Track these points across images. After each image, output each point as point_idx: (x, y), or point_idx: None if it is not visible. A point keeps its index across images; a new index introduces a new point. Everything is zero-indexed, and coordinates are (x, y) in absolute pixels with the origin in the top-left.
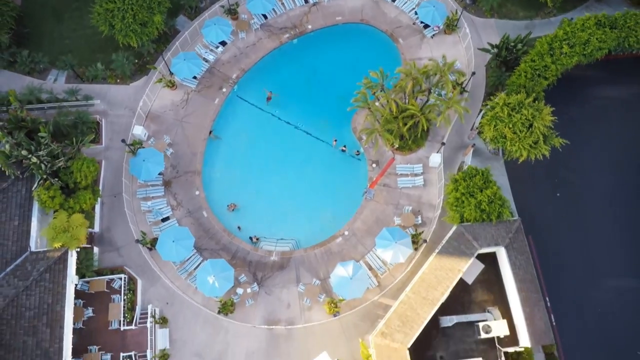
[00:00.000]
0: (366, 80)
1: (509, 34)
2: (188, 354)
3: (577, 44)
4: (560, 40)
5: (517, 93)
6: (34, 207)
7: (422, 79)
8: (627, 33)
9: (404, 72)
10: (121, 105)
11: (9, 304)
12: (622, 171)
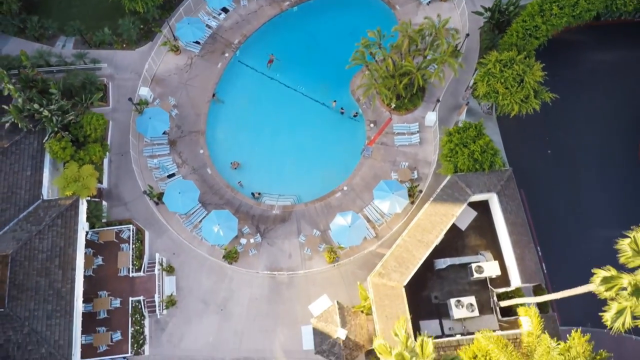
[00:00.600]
0: (364, 40)
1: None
2: (194, 300)
3: (567, 5)
4: (550, 2)
5: (509, 51)
6: (45, 159)
7: (417, 38)
8: None
9: (400, 30)
10: (127, 70)
11: (22, 247)
12: (610, 130)
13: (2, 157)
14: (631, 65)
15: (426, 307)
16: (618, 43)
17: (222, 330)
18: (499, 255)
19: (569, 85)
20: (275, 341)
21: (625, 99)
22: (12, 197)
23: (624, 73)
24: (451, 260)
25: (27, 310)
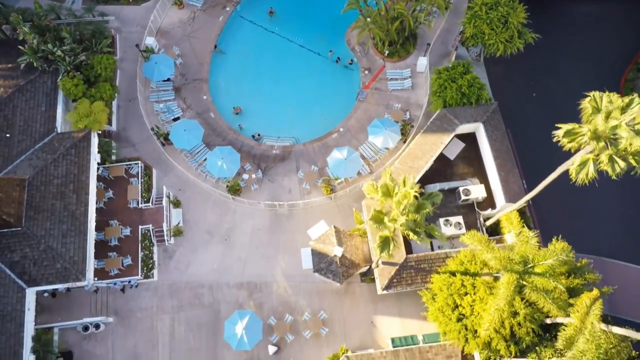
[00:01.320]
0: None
1: None
2: (199, 231)
3: None
4: None
5: None
6: (59, 96)
7: None
8: None
9: None
10: (133, 23)
11: (38, 173)
12: (593, 75)
13: (18, 94)
14: (611, 15)
15: None
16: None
17: (226, 257)
18: (485, 181)
19: (553, 33)
20: (276, 266)
21: (606, 47)
22: (27, 129)
23: (605, 24)
24: (440, 185)
25: (43, 229)
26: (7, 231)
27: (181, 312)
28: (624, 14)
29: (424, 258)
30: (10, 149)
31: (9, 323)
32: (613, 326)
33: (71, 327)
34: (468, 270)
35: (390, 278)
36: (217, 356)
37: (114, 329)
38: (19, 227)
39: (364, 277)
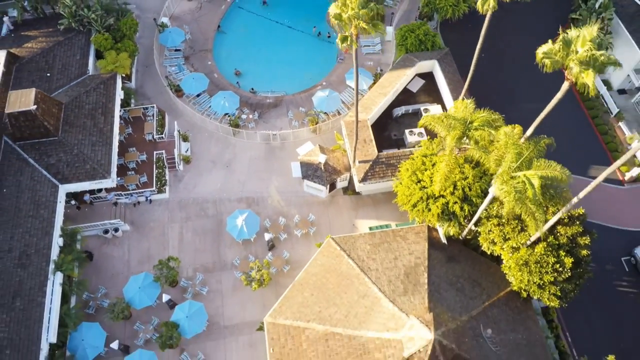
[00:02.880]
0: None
1: None
2: (205, 160)
3: None
4: None
5: None
6: (90, 49)
7: None
8: None
9: None
10: (150, 11)
11: (73, 100)
12: (533, 39)
13: (58, 47)
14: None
15: (387, 142)
16: None
17: (228, 180)
18: (442, 105)
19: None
20: (271, 185)
21: (542, 16)
22: (64, 71)
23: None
24: (405, 108)
25: (76, 140)
26: (45, 140)
27: (189, 222)
28: None
29: (392, 155)
30: (50, 84)
31: (43, 210)
32: None
33: (93, 235)
34: (427, 153)
35: (366, 172)
36: (219, 255)
37: (129, 235)
38: (56, 136)
39: (346, 191)
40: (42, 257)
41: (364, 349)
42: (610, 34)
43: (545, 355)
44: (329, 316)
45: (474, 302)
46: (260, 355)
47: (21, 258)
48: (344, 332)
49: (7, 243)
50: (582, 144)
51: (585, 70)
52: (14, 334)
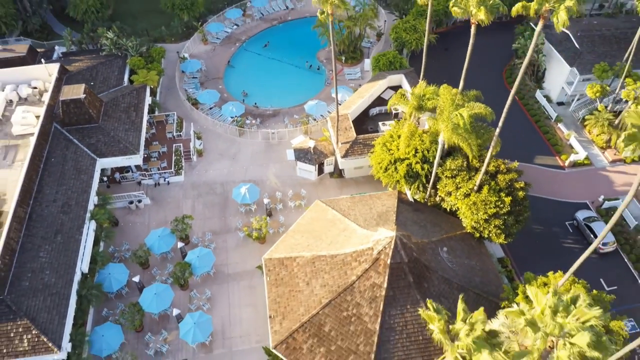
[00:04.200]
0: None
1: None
2: (214, 154)
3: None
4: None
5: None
6: (126, 68)
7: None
8: None
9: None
10: (173, 50)
11: (111, 100)
12: (486, 72)
13: (100, 65)
14: (496, 34)
15: (364, 132)
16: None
17: (233, 168)
18: None
19: (460, 49)
20: (269, 171)
21: (494, 54)
22: (105, 82)
23: (491, 40)
24: (379, 108)
25: (112, 127)
26: (88, 126)
27: (200, 198)
28: (504, 36)
29: (368, 137)
30: (93, 90)
31: (83, 175)
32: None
33: (119, 207)
34: (395, 130)
35: (347, 150)
36: (225, 221)
37: (150, 208)
38: (97, 123)
39: (332, 175)
40: (80, 207)
41: (343, 262)
42: (544, 55)
43: (497, 279)
44: (315, 246)
45: (434, 234)
46: (259, 295)
47: (64, 207)
48: (327, 254)
49: (52, 195)
50: (530, 141)
51: (478, 8)
52: (54, 259)
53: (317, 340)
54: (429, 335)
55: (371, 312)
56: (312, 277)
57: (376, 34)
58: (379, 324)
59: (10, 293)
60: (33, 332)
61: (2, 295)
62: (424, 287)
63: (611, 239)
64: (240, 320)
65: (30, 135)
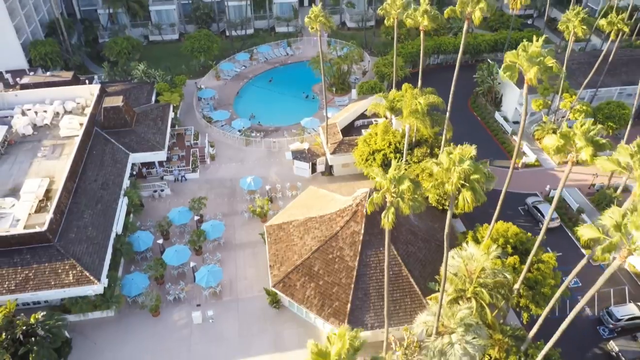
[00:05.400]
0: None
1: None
2: (224, 158)
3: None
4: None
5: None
6: (153, 92)
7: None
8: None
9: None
10: (191, 85)
11: (142, 112)
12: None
13: (132, 89)
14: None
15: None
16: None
17: (241, 169)
18: None
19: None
20: (270, 170)
21: (461, 88)
22: (136, 100)
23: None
24: (362, 121)
25: (142, 131)
26: (123, 129)
27: (212, 190)
28: (469, 74)
29: (353, 139)
30: None
31: (118, 164)
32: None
33: (145, 195)
34: (373, 130)
35: (335, 148)
36: (233, 207)
37: (170, 197)
38: (131, 127)
39: (323, 173)
40: (116, 186)
41: (330, 219)
42: (500, 84)
43: (455, 238)
44: (308, 214)
45: None
46: (260, 259)
47: (103, 185)
48: (317, 215)
49: (94, 176)
50: (491, 150)
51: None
52: (95, 220)
53: (308, 278)
54: (396, 271)
55: (351, 253)
56: (305, 233)
57: (362, 72)
58: (357, 262)
59: (60, 241)
60: (78, 268)
61: (53, 242)
62: (393, 235)
63: (555, 216)
64: (245, 277)
65: (75, 137)
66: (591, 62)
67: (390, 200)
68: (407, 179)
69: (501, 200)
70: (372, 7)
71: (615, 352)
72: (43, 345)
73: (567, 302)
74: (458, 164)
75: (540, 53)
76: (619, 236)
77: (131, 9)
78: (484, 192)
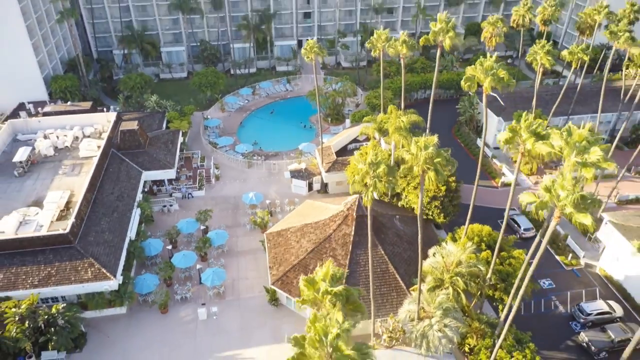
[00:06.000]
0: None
1: None
2: (228, 178)
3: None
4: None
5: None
6: (164, 120)
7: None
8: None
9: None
10: (198, 117)
11: (154, 136)
12: (442, 127)
13: (145, 117)
14: (446, 108)
15: None
16: (442, 103)
17: (243, 187)
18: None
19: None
20: (270, 189)
21: (446, 119)
22: (149, 127)
23: (446, 111)
24: (354, 144)
25: (154, 152)
26: (136, 151)
27: (217, 206)
28: (453, 107)
29: (345, 158)
30: None
31: (132, 180)
32: None
33: (155, 210)
34: (364, 150)
35: (329, 167)
36: (236, 219)
37: (178, 212)
38: (144, 149)
39: (319, 191)
40: (130, 198)
41: (324, 224)
42: (479, 113)
43: (438, 242)
44: (304, 221)
45: (391, 212)
46: (261, 264)
47: (118, 197)
48: (312, 221)
49: (111, 190)
50: (473, 172)
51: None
52: (111, 226)
53: (304, 275)
54: (384, 269)
55: (343, 252)
56: (301, 237)
57: (355, 104)
58: (348, 260)
59: (80, 242)
60: (95, 266)
61: (74, 244)
62: (381, 237)
63: (531, 227)
64: (246, 279)
65: (93, 157)
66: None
67: (369, 182)
68: (383, 164)
69: (472, 203)
70: (364, 49)
71: (586, 343)
72: (62, 335)
73: (541, 300)
74: (424, 149)
75: (493, 67)
76: (548, 196)
77: (144, 49)
78: (445, 175)
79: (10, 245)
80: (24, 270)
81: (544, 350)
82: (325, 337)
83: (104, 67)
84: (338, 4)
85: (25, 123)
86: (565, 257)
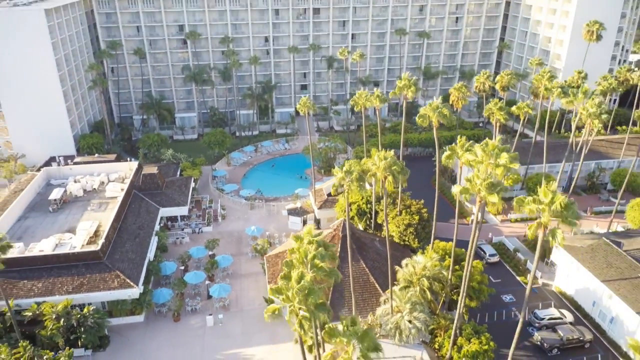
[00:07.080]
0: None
1: None
2: (233, 217)
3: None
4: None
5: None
6: (178, 170)
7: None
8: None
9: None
10: (207, 170)
11: (170, 181)
12: (422, 178)
13: (162, 168)
14: (424, 164)
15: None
16: (424, 158)
17: (246, 224)
18: None
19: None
20: (270, 225)
21: (425, 171)
22: (165, 175)
23: (425, 165)
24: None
25: (172, 192)
26: (155, 191)
27: (223, 238)
28: (430, 158)
29: (335, 197)
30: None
31: (151, 214)
32: None
33: (169, 242)
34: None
35: (321, 204)
36: (239, 249)
37: (189, 243)
38: (161, 190)
39: (314, 223)
40: (150, 228)
41: None
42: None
43: None
44: None
45: (372, 236)
46: (261, 284)
47: (139, 227)
48: None
49: (133, 221)
50: (447, 213)
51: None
52: (134, 248)
53: None
54: (365, 279)
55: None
56: None
57: (345, 159)
58: None
59: (108, 259)
60: (121, 277)
61: (103, 260)
62: (363, 254)
63: (495, 253)
64: (248, 295)
65: (117, 197)
66: (524, 147)
67: (345, 186)
68: (356, 172)
69: (455, 236)
70: (354, 115)
71: (539, 341)
72: (90, 333)
73: (503, 311)
74: (384, 160)
75: (439, 106)
76: (470, 185)
77: (161, 115)
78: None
79: (49, 260)
80: (60, 280)
81: (504, 349)
82: (305, 257)
83: (125, 129)
84: (330, 78)
85: (58, 170)
86: (525, 277)
